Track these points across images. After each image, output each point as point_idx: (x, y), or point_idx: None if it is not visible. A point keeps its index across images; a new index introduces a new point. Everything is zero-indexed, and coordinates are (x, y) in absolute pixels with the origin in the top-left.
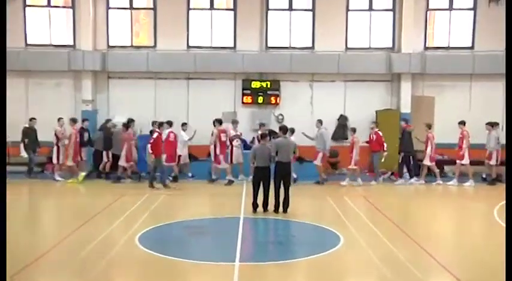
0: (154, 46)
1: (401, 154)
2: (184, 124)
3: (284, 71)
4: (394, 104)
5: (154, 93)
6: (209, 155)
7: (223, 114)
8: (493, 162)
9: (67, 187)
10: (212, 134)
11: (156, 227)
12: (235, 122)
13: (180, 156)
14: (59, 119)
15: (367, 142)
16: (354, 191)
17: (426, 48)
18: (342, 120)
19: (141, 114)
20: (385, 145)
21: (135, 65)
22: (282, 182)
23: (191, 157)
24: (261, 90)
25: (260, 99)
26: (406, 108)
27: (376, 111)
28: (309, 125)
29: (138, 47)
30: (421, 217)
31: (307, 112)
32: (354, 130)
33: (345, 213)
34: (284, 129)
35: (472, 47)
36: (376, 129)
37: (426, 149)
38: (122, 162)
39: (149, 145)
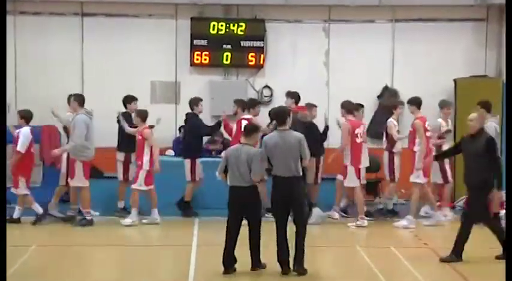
0: None
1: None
2: (257, 103)
3: (274, 1)
4: (491, 66)
5: (13, 42)
6: None
7: (154, 87)
8: None
9: None
10: None
11: None
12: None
13: None
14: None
15: None
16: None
17: None
18: (388, 97)
19: None
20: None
21: None
22: (285, 215)
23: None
24: (229, 40)
25: (226, 58)
26: None
27: (455, 81)
28: (323, 107)
29: None
30: None
31: (318, 82)
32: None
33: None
34: (281, 116)
35: None
36: (246, 116)
37: None
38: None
39: None
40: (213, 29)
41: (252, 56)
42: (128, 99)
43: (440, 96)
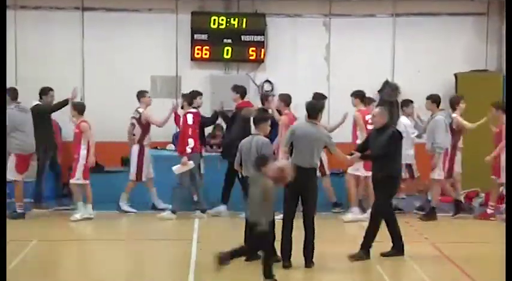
0: None
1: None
2: (197, 94)
3: None
4: (492, 60)
5: (13, 37)
6: None
7: (155, 81)
8: (436, 174)
9: None
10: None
11: None
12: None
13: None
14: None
15: None
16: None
17: None
18: (388, 92)
19: None
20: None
21: None
22: (295, 206)
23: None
24: (229, 35)
25: (227, 52)
26: None
27: (456, 76)
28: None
29: None
30: None
31: (319, 77)
32: None
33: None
34: (315, 110)
35: None
36: (191, 110)
37: None
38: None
39: None
40: (214, 24)
41: (252, 51)
42: (194, 94)
43: (441, 90)
